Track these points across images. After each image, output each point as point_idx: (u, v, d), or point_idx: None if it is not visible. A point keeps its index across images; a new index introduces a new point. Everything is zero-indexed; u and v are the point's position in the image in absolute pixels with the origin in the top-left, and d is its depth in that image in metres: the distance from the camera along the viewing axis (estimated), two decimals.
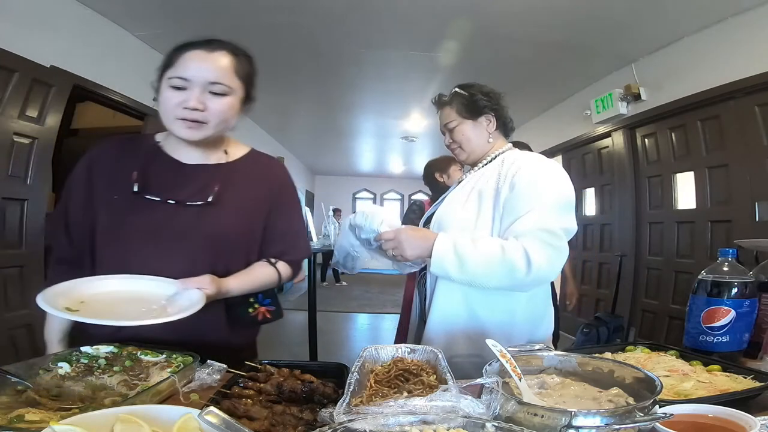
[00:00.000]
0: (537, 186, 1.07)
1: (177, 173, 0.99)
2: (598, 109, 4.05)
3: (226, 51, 0.91)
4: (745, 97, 2.79)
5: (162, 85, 0.90)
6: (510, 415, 0.57)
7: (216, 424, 0.49)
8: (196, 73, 0.87)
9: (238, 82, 0.93)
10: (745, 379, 0.80)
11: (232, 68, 0.91)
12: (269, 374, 0.82)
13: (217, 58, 0.89)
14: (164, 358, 0.85)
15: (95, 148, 1.04)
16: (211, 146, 1.01)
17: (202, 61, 0.88)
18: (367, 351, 0.87)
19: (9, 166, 2.46)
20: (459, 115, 1.24)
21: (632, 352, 0.99)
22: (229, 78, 0.90)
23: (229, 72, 0.90)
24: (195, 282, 0.89)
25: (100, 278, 0.92)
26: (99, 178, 0.99)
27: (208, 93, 0.88)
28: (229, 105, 0.91)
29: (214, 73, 0.88)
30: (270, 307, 1.05)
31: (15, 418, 0.59)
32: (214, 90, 0.88)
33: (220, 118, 0.91)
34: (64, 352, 0.85)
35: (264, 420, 0.65)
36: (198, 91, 0.87)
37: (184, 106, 0.88)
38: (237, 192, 1.00)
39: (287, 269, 1.07)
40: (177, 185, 0.97)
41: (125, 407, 0.56)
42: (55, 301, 0.80)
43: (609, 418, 0.53)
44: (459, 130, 1.24)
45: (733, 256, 1.05)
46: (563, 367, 0.78)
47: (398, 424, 0.54)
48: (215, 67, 0.88)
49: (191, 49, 0.89)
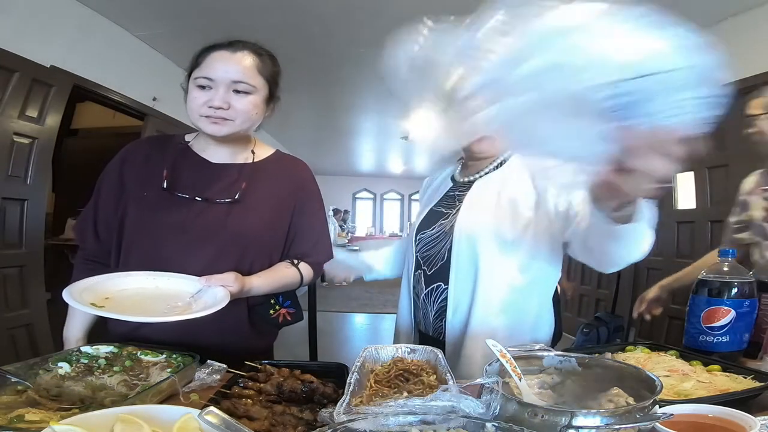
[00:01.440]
0: None
1: (205, 171, 1.02)
2: None
3: (249, 51, 0.95)
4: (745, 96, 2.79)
5: (189, 86, 0.94)
6: (510, 415, 0.57)
7: (216, 424, 0.49)
8: (221, 73, 0.90)
9: (262, 81, 0.96)
10: (745, 379, 0.80)
11: (256, 68, 0.94)
12: (269, 374, 0.82)
13: (241, 59, 0.92)
14: (164, 358, 0.85)
15: (127, 146, 1.07)
16: (239, 145, 1.04)
17: (226, 61, 0.91)
18: (367, 351, 0.87)
19: (9, 166, 2.47)
20: None
21: (632, 352, 0.99)
22: (253, 77, 0.93)
23: (253, 71, 0.93)
24: (219, 279, 0.89)
25: (126, 274, 0.93)
26: (130, 176, 1.02)
27: (233, 92, 0.92)
28: (254, 103, 0.95)
29: (237, 72, 0.91)
30: (290, 309, 1.07)
31: (15, 418, 0.59)
32: (238, 89, 0.92)
33: (245, 116, 0.94)
34: (64, 352, 0.86)
35: (264, 420, 0.65)
36: (223, 90, 0.91)
37: (209, 104, 0.91)
38: (263, 191, 1.02)
39: (309, 271, 1.07)
40: (205, 183, 1.00)
41: (125, 407, 0.56)
42: (80, 297, 0.81)
43: (609, 418, 0.53)
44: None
45: (733, 256, 1.05)
46: (563, 367, 0.78)
47: (398, 424, 0.54)
48: (239, 67, 0.92)
49: (216, 50, 0.93)
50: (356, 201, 12.60)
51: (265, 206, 1.01)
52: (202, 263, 0.94)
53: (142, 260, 0.96)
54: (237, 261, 0.97)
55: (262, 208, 1.01)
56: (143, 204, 0.99)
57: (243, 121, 0.94)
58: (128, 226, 0.99)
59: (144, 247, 0.98)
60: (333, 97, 5.25)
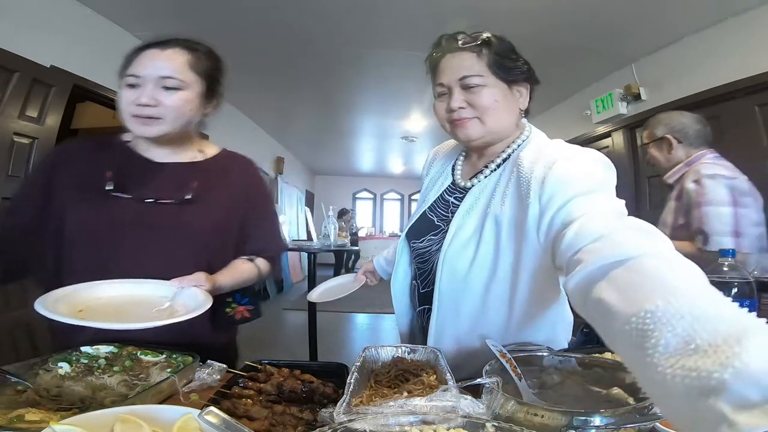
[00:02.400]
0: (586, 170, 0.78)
1: (151, 171, 0.99)
2: (598, 109, 4.06)
3: (180, 48, 0.93)
4: (745, 97, 2.79)
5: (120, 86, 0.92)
6: (510, 415, 0.57)
7: (216, 424, 0.49)
8: (148, 69, 0.89)
9: (195, 77, 0.94)
10: None
11: (187, 63, 0.92)
12: (269, 374, 0.82)
13: (170, 55, 0.91)
14: (164, 358, 0.85)
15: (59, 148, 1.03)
16: (181, 144, 1.02)
17: (154, 58, 0.90)
18: (367, 351, 0.87)
19: (9, 166, 2.46)
20: (490, 71, 0.88)
21: None
22: (183, 73, 0.91)
23: (183, 67, 0.92)
24: (191, 280, 0.89)
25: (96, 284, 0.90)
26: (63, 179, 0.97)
27: (161, 89, 0.90)
28: (185, 99, 0.92)
29: (165, 69, 0.89)
30: (249, 306, 1.06)
31: (15, 418, 0.59)
32: (166, 85, 0.90)
33: (176, 113, 0.91)
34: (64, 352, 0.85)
35: (264, 420, 0.65)
36: (150, 87, 0.89)
37: (136, 102, 0.89)
38: (214, 189, 1.01)
39: (266, 265, 1.08)
40: (153, 183, 0.98)
41: (125, 407, 0.56)
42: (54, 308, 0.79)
43: (609, 418, 0.53)
44: (488, 92, 0.88)
45: (732, 256, 1.05)
46: (563, 367, 0.78)
47: (398, 424, 0.54)
48: (167, 64, 0.90)
49: (145, 49, 0.92)
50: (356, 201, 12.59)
51: (218, 205, 1.01)
52: (160, 265, 0.92)
53: (87, 265, 0.92)
54: (195, 261, 0.96)
55: (215, 207, 1.00)
56: (84, 207, 0.94)
57: (175, 119, 0.92)
58: (68, 231, 0.94)
59: (88, 252, 0.94)
60: (333, 97, 5.25)
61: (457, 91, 0.90)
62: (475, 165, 1.03)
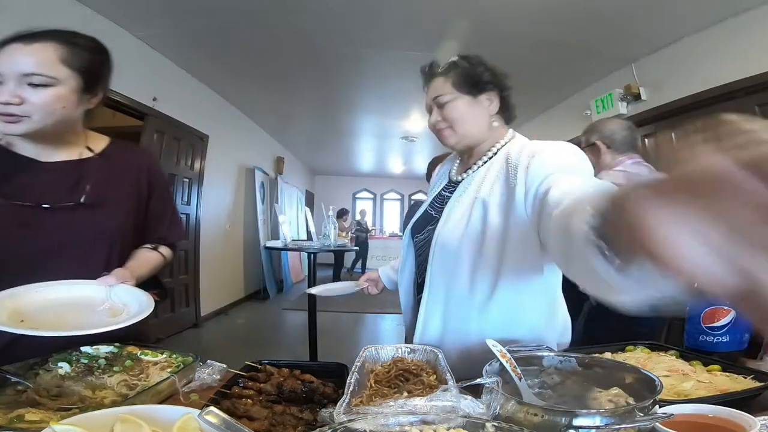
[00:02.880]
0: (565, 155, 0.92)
1: (39, 173, 0.94)
2: (598, 109, 4.05)
3: (50, 41, 0.87)
4: (745, 97, 2.79)
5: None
6: (510, 415, 0.57)
7: (216, 424, 0.49)
8: (9, 66, 0.83)
9: (68, 72, 0.88)
10: (745, 379, 0.80)
11: (58, 58, 0.87)
12: (269, 374, 0.82)
13: (37, 50, 0.85)
14: (164, 358, 0.85)
15: None
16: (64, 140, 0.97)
17: (16, 53, 0.84)
18: (367, 351, 0.87)
19: None
20: (455, 88, 1.05)
21: (632, 352, 0.99)
22: (53, 68, 0.86)
23: (53, 62, 0.86)
24: (116, 277, 0.90)
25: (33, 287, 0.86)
26: None
27: (27, 86, 0.84)
28: (55, 96, 0.86)
29: (30, 65, 0.83)
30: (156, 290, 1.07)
31: (15, 418, 0.59)
32: (32, 81, 0.84)
33: (45, 110, 0.86)
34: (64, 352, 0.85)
35: (264, 420, 0.65)
36: (13, 84, 0.83)
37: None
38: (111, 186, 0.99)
39: (169, 252, 1.12)
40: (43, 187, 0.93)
41: (125, 407, 0.56)
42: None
43: (609, 418, 0.53)
44: (453, 105, 1.05)
45: None
46: (563, 367, 0.78)
47: (398, 424, 0.54)
48: (31, 59, 0.84)
49: (9, 43, 0.85)
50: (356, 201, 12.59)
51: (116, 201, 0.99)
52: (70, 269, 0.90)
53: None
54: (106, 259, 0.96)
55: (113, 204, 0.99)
56: None
57: (44, 117, 0.86)
58: None
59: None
60: (333, 97, 5.25)
61: (435, 109, 1.08)
62: (466, 163, 1.15)
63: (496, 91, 1.07)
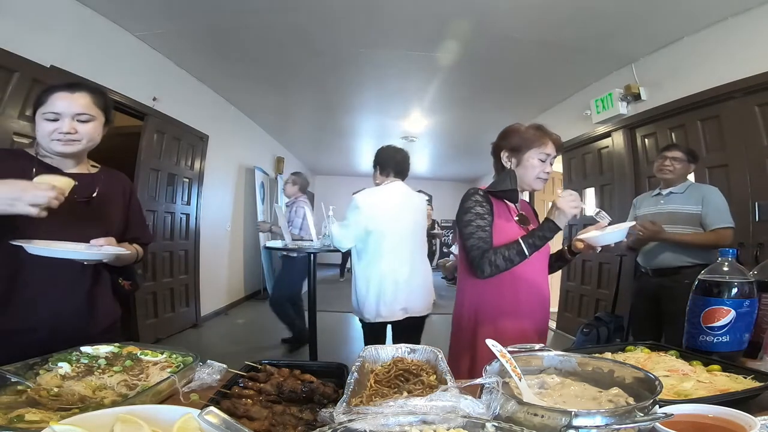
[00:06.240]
0: None
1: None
2: (598, 109, 4.05)
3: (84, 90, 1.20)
4: (745, 97, 2.79)
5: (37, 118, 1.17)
6: (510, 415, 0.57)
7: (216, 424, 0.49)
8: (63, 108, 1.15)
9: (98, 111, 1.21)
10: (745, 379, 0.80)
11: (92, 102, 1.20)
12: (269, 374, 0.82)
13: (79, 97, 1.18)
14: (164, 358, 0.85)
15: None
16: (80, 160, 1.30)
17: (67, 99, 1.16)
18: (367, 351, 0.87)
19: None
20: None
21: (632, 352, 0.99)
22: (91, 109, 1.19)
23: (90, 105, 1.20)
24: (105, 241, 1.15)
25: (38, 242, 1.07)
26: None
27: (77, 121, 1.17)
28: (95, 127, 1.22)
29: (79, 107, 1.17)
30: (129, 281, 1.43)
31: (15, 418, 0.59)
32: (81, 119, 1.17)
33: (89, 137, 1.21)
34: (64, 352, 0.86)
35: (264, 420, 0.65)
36: (68, 120, 1.15)
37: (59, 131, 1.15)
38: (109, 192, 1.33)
39: (141, 250, 1.43)
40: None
41: (125, 407, 0.56)
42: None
43: (609, 418, 0.53)
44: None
45: (733, 256, 1.05)
46: (563, 367, 0.78)
47: (398, 424, 0.54)
48: (80, 102, 1.18)
49: (55, 91, 1.17)
50: None
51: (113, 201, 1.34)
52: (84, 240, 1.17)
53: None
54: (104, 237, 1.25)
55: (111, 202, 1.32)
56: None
57: (88, 141, 1.21)
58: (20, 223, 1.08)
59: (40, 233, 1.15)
60: (333, 97, 5.25)
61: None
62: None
63: None
